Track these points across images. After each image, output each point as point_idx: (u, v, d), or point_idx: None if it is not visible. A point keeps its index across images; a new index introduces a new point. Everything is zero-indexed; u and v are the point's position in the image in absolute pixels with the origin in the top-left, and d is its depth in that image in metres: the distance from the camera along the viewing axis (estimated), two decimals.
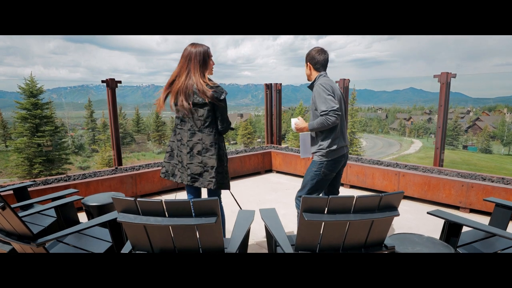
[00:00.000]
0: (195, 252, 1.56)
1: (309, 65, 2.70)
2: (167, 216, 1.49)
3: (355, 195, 1.54)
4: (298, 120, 2.76)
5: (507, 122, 53.25)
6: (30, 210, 2.54)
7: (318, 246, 1.64)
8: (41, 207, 2.46)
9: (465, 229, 2.14)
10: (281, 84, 6.89)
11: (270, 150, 6.27)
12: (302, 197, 1.53)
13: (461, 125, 57.43)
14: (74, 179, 4.28)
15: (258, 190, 5.11)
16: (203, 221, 1.47)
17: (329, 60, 2.69)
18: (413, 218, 3.86)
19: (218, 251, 1.59)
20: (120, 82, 4.93)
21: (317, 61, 2.65)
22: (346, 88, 5.82)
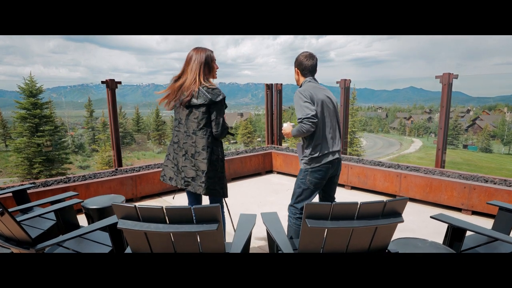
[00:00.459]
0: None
1: (297, 70, 2.66)
2: (168, 222, 1.47)
3: (359, 202, 1.52)
4: (286, 125, 2.72)
5: (507, 121, 53.25)
6: (30, 213, 2.52)
7: (321, 251, 1.62)
8: (40, 211, 2.44)
9: (467, 232, 2.12)
10: (281, 84, 6.87)
11: (270, 151, 6.25)
12: (305, 204, 1.50)
13: (461, 124, 57.47)
14: (74, 181, 4.25)
15: (259, 191, 5.09)
16: (205, 228, 1.45)
17: (317, 65, 2.63)
18: (414, 220, 3.84)
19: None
20: (120, 83, 4.90)
21: (304, 66, 2.60)
22: (347, 88, 5.78)
